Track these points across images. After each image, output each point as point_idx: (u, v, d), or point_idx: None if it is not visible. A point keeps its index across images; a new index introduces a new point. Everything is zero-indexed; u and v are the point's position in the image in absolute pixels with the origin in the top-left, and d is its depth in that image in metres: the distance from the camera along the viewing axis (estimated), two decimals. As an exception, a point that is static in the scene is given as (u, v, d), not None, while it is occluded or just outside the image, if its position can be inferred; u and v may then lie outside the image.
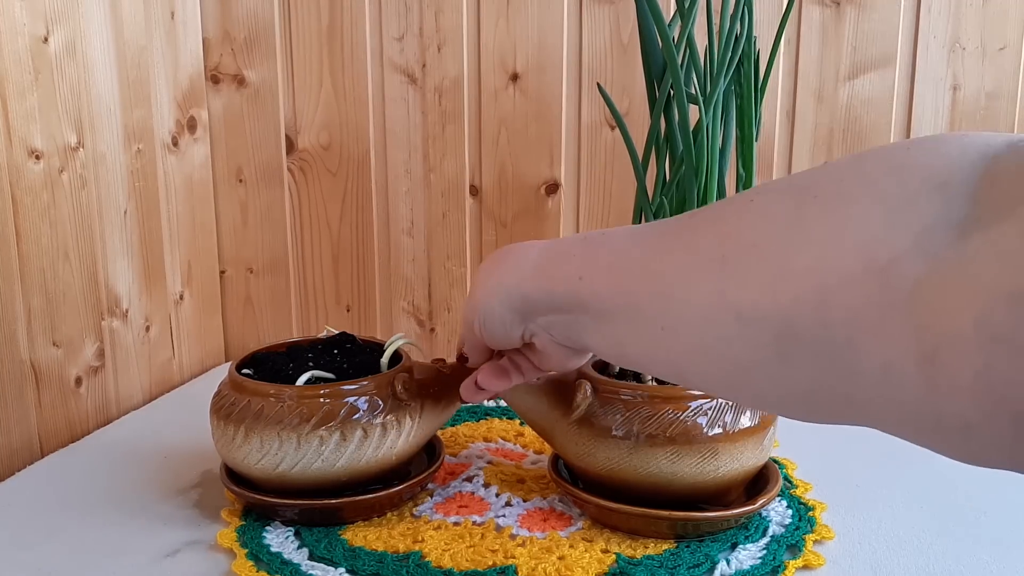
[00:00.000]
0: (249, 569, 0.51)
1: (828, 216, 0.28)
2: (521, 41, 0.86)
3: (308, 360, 0.63)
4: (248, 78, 0.91)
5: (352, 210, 0.93)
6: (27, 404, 0.69)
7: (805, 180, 0.31)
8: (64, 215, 0.72)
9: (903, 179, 0.27)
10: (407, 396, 0.57)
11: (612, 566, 0.52)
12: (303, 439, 0.54)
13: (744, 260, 0.31)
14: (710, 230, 0.34)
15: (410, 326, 0.95)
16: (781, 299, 0.29)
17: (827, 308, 0.27)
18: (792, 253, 0.29)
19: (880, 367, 0.26)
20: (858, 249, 0.27)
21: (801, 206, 0.29)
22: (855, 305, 0.26)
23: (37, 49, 0.68)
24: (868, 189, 0.28)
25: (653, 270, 0.36)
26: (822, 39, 0.82)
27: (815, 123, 0.84)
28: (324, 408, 0.54)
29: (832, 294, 0.27)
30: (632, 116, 0.85)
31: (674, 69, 0.55)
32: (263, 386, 0.56)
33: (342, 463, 0.55)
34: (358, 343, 0.65)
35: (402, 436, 0.57)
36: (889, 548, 0.54)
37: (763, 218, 0.31)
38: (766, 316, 0.29)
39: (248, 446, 0.55)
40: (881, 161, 0.29)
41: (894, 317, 0.25)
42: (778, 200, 0.31)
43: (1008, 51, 0.80)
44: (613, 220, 0.88)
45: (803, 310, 0.28)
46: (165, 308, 0.87)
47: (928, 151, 0.28)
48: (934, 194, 0.26)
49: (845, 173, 0.29)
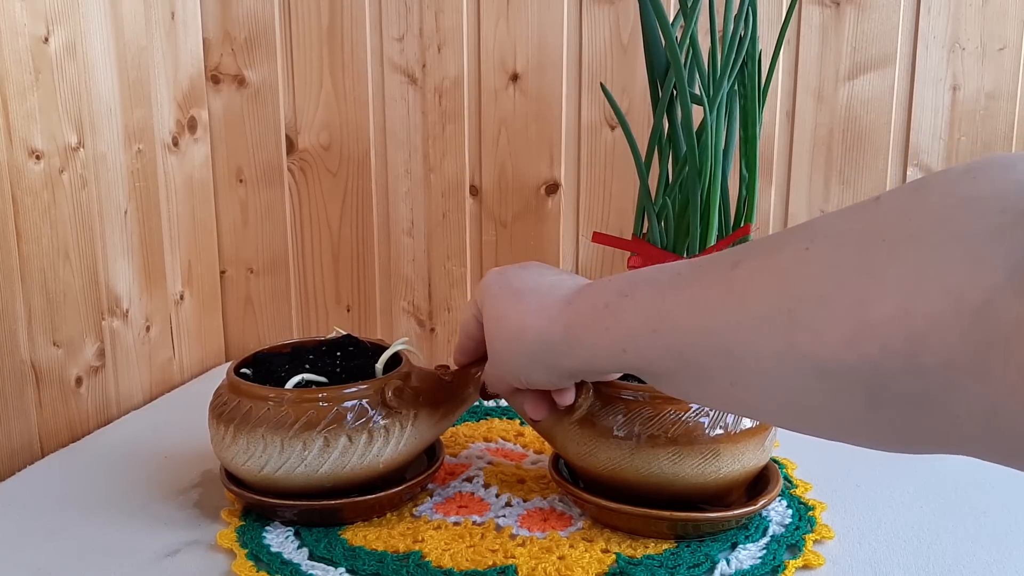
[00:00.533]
0: (249, 569, 0.51)
1: (903, 260, 0.27)
2: (521, 41, 0.86)
3: (307, 362, 0.62)
4: (248, 78, 0.92)
5: (352, 210, 0.93)
6: (27, 404, 0.69)
7: (864, 222, 0.29)
8: (64, 215, 0.72)
9: (978, 211, 0.26)
10: (398, 404, 0.56)
11: (612, 566, 0.52)
12: (286, 443, 0.54)
13: (816, 313, 0.29)
14: (765, 283, 0.32)
15: (410, 326, 0.95)
16: (867, 350, 0.27)
17: (919, 356, 0.26)
18: (871, 302, 0.27)
19: (985, 409, 0.25)
20: (945, 291, 0.25)
21: (867, 251, 0.28)
22: (950, 349, 0.25)
23: (37, 49, 0.68)
24: (942, 226, 0.26)
25: (708, 328, 0.34)
26: (822, 39, 0.83)
27: (815, 123, 0.84)
28: (308, 413, 0.54)
29: (923, 341, 0.26)
30: (632, 116, 0.85)
31: (677, 69, 0.55)
32: (252, 387, 0.56)
33: (325, 469, 0.54)
34: (361, 345, 0.65)
35: (390, 444, 0.56)
36: (889, 548, 0.54)
37: (827, 268, 0.29)
38: (852, 369, 0.28)
39: (236, 447, 0.55)
40: (947, 194, 0.27)
41: (995, 358, 0.24)
42: (838, 247, 0.29)
43: (1008, 51, 0.80)
44: (613, 220, 0.88)
45: (893, 360, 0.27)
46: (165, 308, 0.87)
47: (996, 178, 0.26)
48: (1017, 227, 0.25)
49: (910, 210, 0.28)
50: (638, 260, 0.59)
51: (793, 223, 0.86)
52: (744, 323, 0.32)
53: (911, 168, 0.84)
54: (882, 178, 0.84)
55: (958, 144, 0.83)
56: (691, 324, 0.35)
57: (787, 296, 0.30)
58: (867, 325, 0.27)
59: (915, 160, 0.84)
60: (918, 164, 0.84)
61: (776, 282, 0.31)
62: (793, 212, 0.86)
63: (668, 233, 0.59)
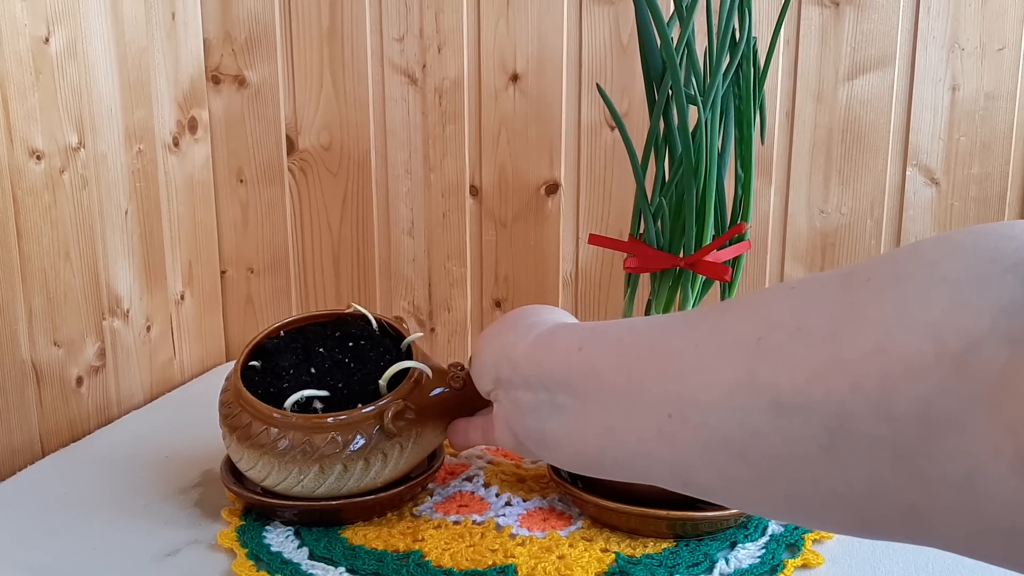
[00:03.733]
0: (249, 569, 0.52)
1: (885, 298, 0.25)
2: (521, 42, 0.86)
3: (314, 363, 0.59)
4: (249, 79, 0.92)
5: (352, 210, 0.93)
6: (28, 404, 0.69)
7: (853, 267, 0.28)
8: (65, 215, 0.72)
9: (967, 260, 0.24)
10: (398, 429, 0.55)
11: (611, 565, 0.52)
12: (282, 466, 0.54)
13: (786, 343, 0.27)
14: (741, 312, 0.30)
15: (410, 326, 0.95)
16: (834, 385, 0.25)
17: (892, 400, 0.24)
18: (847, 337, 0.25)
19: (964, 472, 0.22)
20: (925, 332, 0.23)
21: (851, 289, 0.26)
22: (928, 397, 0.23)
23: (38, 49, 0.68)
24: (928, 270, 0.25)
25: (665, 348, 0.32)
26: (821, 39, 0.83)
27: (814, 124, 0.84)
28: (303, 443, 0.54)
29: (897, 384, 0.24)
30: (632, 117, 0.85)
31: (673, 70, 0.55)
32: (254, 402, 0.55)
33: (322, 491, 0.54)
34: (375, 336, 0.62)
35: (388, 466, 0.55)
36: (888, 547, 0.55)
37: (808, 303, 0.27)
38: (812, 405, 0.25)
39: (239, 454, 0.56)
40: (938, 244, 0.26)
41: (979, 412, 0.22)
42: (823, 285, 0.28)
43: (1007, 51, 0.80)
44: (613, 220, 0.88)
45: (862, 401, 0.24)
46: (166, 308, 0.87)
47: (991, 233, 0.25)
48: (1006, 275, 0.23)
49: (899, 256, 0.26)
50: (634, 261, 0.59)
51: (793, 223, 0.86)
52: (706, 346, 0.30)
53: (910, 168, 0.84)
54: (881, 178, 0.84)
55: (957, 144, 0.83)
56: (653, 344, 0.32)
57: (760, 325, 0.28)
58: (839, 360, 0.25)
59: (914, 160, 0.84)
60: (917, 164, 0.84)
61: (751, 312, 0.29)
62: (793, 212, 0.86)
63: (664, 233, 0.59)
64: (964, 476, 0.22)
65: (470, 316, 0.93)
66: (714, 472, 0.29)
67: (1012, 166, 0.82)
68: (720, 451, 0.29)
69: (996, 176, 0.83)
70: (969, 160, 0.83)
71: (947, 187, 0.84)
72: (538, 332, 0.41)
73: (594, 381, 0.34)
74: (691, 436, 0.29)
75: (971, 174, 0.83)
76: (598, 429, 0.34)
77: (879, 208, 0.85)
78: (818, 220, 0.86)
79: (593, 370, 0.35)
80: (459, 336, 0.94)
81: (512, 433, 0.41)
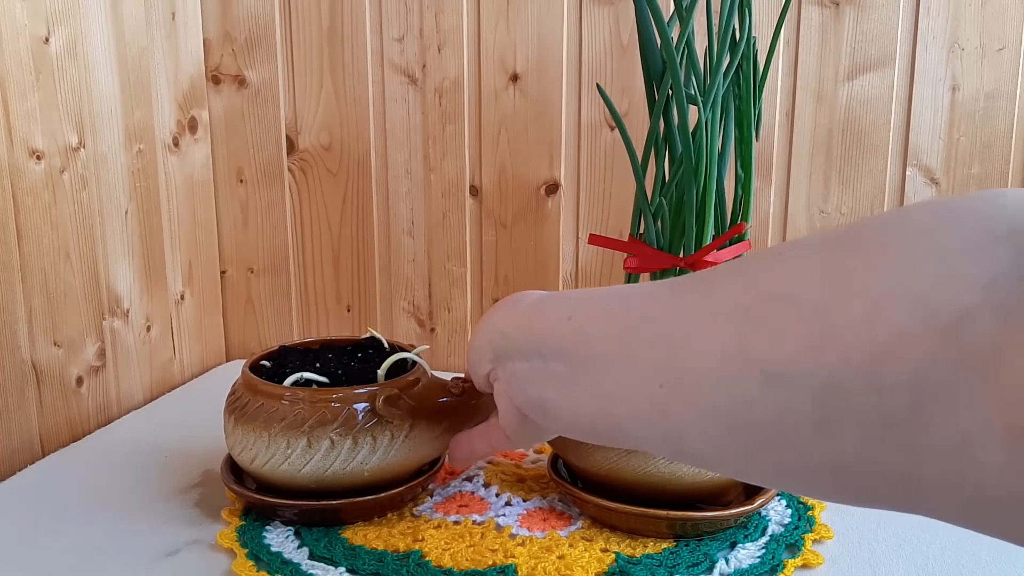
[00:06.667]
0: (249, 569, 0.52)
1: (875, 267, 0.25)
2: (521, 42, 0.86)
3: (323, 361, 0.63)
4: (249, 79, 0.92)
5: (352, 210, 0.93)
6: (28, 404, 0.69)
7: (842, 232, 0.28)
8: (65, 215, 0.72)
9: (957, 229, 0.24)
10: (388, 413, 0.54)
11: (611, 565, 0.52)
12: (272, 439, 0.54)
13: (774, 312, 0.27)
14: (730, 279, 0.30)
15: (410, 326, 0.95)
16: (824, 356, 0.25)
17: (881, 371, 0.24)
18: (837, 306, 0.25)
19: (955, 442, 0.22)
20: (916, 303, 0.23)
21: (842, 257, 0.26)
22: (918, 368, 0.23)
23: (38, 49, 0.68)
24: (918, 239, 0.25)
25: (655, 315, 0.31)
26: (821, 39, 0.83)
27: (814, 123, 0.84)
28: (294, 412, 0.54)
29: (887, 355, 0.24)
30: (632, 117, 0.85)
31: (673, 69, 0.55)
32: (252, 380, 0.57)
33: (307, 470, 0.54)
34: (384, 350, 0.64)
35: (377, 453, 0.55)
36: (889, 548, 0.55)
37: (797, 270, 0.27)
38: (802, 375, 0.26)
39: (233, 436, 0.57)
40: (927, 211, 0.26)
41: (971, 383, 0.22)
42: (813, 252, 0.28)
43: (1007, 51, 0.80)
44: (613, 220, 0.88)
45: (852, 372, 0.24)
46: (166, 308, 0.87)
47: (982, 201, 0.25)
48: (997, 246, 0.23)
49: (888, 222, 0.26)
50: (634, 261, 0.59)
51: (793, 223, 0.86)
52: (695, 314, 0.30)
53: (910, 168, 0.84)
54: (881, 178, 0.84)
55: (957, 144, 0.83)
56: (643, 311, 0.32)
57: (748, 293, 0.28)
58: (828, 331, 0.25)
59: (914, 160, 0.84)
60: (917, 164, 0.84)
61: (740, 279, 0.29)
62: (793, 212, 0.86)
63: (664, 233, 0.59)
64: (955, 446, 0.22)
65: (470, 316, 0.93)
66: (706, 442, 0.29)
67: (1012, 166, 0.82)
68: (711, 421, 0.29)
69: (996, 176, 0.83)
70: (969, 160, 0.83)
71: (947, 187, 0.84)
72: (528, 302, 0.41)
73: (585, 349, 0.34)
74: (683, 406, 0.30)
75: (971, 174, 0.83)
76: (591, 398, 0.34)
77: (879, 208, 0.85)
78: (818, 220, 0.86)
79: (585, 338, 0.35)
80: (459, 336, 0.94)
81: (515, 407, 0.41)
